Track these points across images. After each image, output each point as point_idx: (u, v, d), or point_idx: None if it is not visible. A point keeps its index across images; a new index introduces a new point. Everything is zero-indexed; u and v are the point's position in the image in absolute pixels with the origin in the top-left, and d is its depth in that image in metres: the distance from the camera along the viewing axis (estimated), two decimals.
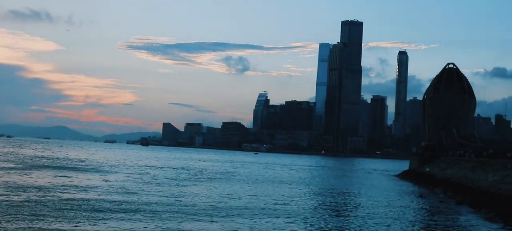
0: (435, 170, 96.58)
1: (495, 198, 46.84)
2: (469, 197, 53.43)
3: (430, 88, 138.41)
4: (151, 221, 33.76)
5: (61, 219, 32.26)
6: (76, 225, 30.79)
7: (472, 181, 63.27)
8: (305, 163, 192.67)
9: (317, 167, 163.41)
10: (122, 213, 36.34)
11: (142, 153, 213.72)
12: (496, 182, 53.65)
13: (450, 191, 64.54)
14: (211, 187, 62.49)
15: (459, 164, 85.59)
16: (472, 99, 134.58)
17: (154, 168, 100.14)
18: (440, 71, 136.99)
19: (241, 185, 69.54)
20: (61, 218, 32.78)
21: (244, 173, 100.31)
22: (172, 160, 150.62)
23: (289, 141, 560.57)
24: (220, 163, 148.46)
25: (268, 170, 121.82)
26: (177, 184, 63.88)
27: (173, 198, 47.19)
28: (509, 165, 59.74)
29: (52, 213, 34.36)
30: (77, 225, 30.83)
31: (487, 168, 67.16)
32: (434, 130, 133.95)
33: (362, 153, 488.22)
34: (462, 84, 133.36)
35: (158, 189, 55.39)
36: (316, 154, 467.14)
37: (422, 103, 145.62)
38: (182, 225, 33.00)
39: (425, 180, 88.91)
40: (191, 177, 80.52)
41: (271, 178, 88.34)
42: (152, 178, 73.05)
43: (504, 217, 38.67)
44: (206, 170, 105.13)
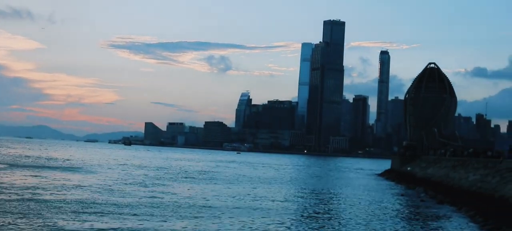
0: (416, 169, 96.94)
1: (476, 197, 47.03)
2: (450, 196, 53.65)
3: (411, 88, 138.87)
4: (129, 220, 33.44)
5: (38, 218, 31.88)
6: (53, 224, 30.42)
7: (453, 180, 63.53)
8: (288, 162, 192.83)
9: (299, 166, 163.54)
10: (101, 213, 35.95)
11: (124, 153, 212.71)
12: (477, 181, 53.89)
13: (431, 190, 64.80)
14: (192, 187, 62.21)
15: (440, 163, 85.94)
16: (453, 99, 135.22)
17: (136, 168, 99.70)
18: (422, 71, 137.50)
19: (223, 184, 69.34)
20: (38, 217, 32.37)
21: (227, 173, 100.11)
22: (154, 159, 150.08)
23: (271, 140, 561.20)
24: (202, 163, 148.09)
25: (250, 169, 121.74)
26: (159, 184, 63.50)
27: (153, 198, 46.82)
28: (490, 164, 60.02)
29: (29, 212, 33.96)
30: (55, 224, 30.46)
31: (467, 167, 67.47)
32: (415, 129, 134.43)
33: (344, 152, 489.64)
34: (443, 84, 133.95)
35: (138, 189, 55.03)
36: (298, 153, 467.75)
37: (404, 103, 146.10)
38: (161, 225, 32.73)
39: (406, 179, 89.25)
40: (173, 176, 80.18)
41: (253, 177, 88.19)
42: (133, 177, 72.64)
43: (484, 215, 38.85)
44: (188, 169, 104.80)
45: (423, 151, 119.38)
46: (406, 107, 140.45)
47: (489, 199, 43.22)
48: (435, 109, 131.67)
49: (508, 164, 53.90)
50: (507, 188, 43.03)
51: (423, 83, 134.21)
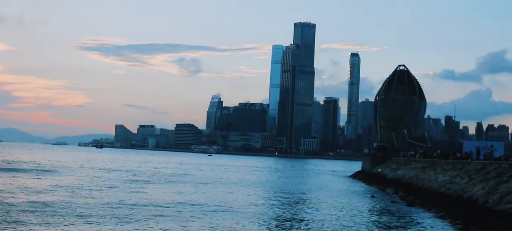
0: (387, 170, 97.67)
1: (445, 198, 47.59)
2: (420, 197, 54.20)
3: (381, 90, 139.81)
4: (96, 224, 33.29)
5: (3, 224, 31.60)
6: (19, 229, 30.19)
7: (422, 181, 64.14)
8: (259, 164, 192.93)
9: (270, 168, 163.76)
10: (69, 216, 35.70)
11: (95, 155, 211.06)
12: (446, 182, 54.51)
13: (402, 191, 65.38)
14: (163, 189, 61.96)
15: (410, 165, 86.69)
16: (422, 101, 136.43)
17: (106, 170, 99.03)
18: (391, 73, 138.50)
19: (194, 187, 69.20)
20: (3, 222, 32.09)
21: (198, 175, 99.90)
22: (125, 162, 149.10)
23: (242, 142, 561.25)
24: (173, 165, 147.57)
25: (222, 171, 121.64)
26: (128, 187, 63.16)
27: (122, 201, 46.56)
28: (458, 165, 60.76)
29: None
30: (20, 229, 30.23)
31: (437, 168, 68.21)
32: (385, 131, 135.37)
33: (315, 154, 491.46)
34: (413, 86, 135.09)
35: (107, 192, 54.68)
36: (269, 155, 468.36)
37: (374, 105, 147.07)
38: (129, 228, 32.64)
39: (377, 181, 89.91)
40: (143, 179, 79.81)
41: (225, 180, 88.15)
42: (102, 180, 72.16)
43: (453, 216, 39.37)
44: (158, 172, 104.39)
45: (394, 153, 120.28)
46: (376, 109, 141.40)
47: (458, 200, 43.80)
48: (405, 111, 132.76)
49: (476, 165, 54.67)
50: (475, 189, 43.64)
51: (393, 85, 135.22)
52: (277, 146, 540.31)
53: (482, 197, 39.63)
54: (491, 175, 45.91)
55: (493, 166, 49.71)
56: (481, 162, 55.97)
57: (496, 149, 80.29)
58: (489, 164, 51.82)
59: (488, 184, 43.17)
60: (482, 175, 48.21)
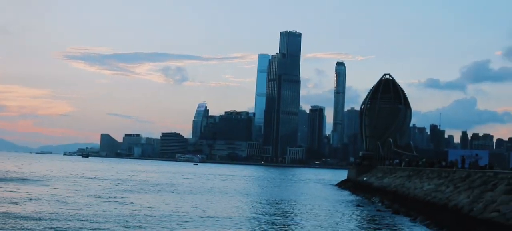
0: (372, 179, 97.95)
1: (430, 206, 47.79)
2: (406, 205, 54.38)
3: (367, 98, 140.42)
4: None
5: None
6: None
7: (408, 189, 64.38)
8: (245, 173, 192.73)
9: (257, 177, 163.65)
10: (54, 227, 35.52)
11: (80, 165, 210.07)
12: (431, 190, 54.73)
13: (387, 199, 65.56)
14: (149, 199, 61.72)
15: (395, 173, 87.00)
16: (408, 110, 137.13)
17: (92, 180, 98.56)
18: (377, 82, 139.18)
19: (181, 196, 69.04)
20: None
21: (184, 184, 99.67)
22: (110, 171, 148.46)
23: (228, 151, 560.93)
24: (159, 174, 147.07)
25: (208, 180, 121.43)
26: (114, 197, 62.89)
27: (108, 211, 46.37)
28: (444, 174, 61.06)
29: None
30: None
31: (422, 176, 68.50)
32: (371, 140, 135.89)
33: (301, 163, 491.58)
34: (398, 95, 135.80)
35: (94, 201, 54.43)
36: (255, 164, 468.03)
37: (360, 113, 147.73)
38: None
39: (362, 189, 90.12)
40: (131, 188, 79.54)
41: (211, 189, 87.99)
42: (87, 190, 71.82)
43: (439, 224, 39.54)
44: (145, 181, 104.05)
45: (379, 161, 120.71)
46: (362, 118, 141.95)
47: (443, 208, 44.00)
48: (390, 119, 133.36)
49: (461, 174, 54.96)
50: (460, 197, 43.86)
51: (379, 94, 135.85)
52: (263, 155, 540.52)
53: (467, 206, 39.84)
54: (476, 183, 46.16)
55: (478, 174, 49.99)
56: (466, 171, 56.28)
57: (481, 157, 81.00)
58: (474, 173, 52.12)
59: (473, 192, 43.41)
60: (467, 183, 48.47)
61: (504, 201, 35.52)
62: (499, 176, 44.62)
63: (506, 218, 31.78)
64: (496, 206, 35.29)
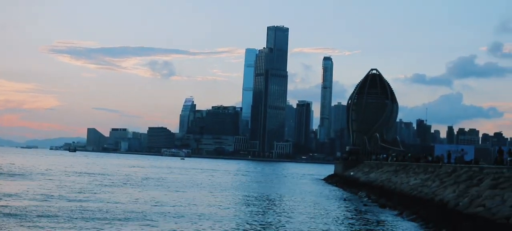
0: (359, 173, 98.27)
1: (417, 201, 48.01)
2: (392, 200, 54.57)
3: (354, 93, 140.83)
4: (67, 228, 33.04)
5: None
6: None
7: (395, 184, 64.65)
8: (232, 168, 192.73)
9: (244, 171, 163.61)
10: (39, 220, 35.36)
11: (68, 159, 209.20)
12: (417, 185, 54.99)
13: (374, 194, 65.77)
14: (136, 193, 61.54)
15: (382, 168, 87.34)
16: (394, 105, 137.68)
17: (78, 174, 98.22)
18: (364, 77, 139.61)
19: (167, 190, 68.90)
20: None
21: (170, 179, 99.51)
22: (96, 166, 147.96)
23: (215, 146, 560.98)
24: (146, 169, 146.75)
25: (195, 174, 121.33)
26: (100, 191, 62.71)
27: (94, 205, 46.23)
28: (430, 169, 61.39)
29: None
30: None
31: (409, 171, 68.81)
32: (358, 134, 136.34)
33: (288, 157, 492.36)
34: (385, 90, 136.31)
35: (79, 196, 54.23)
36: (242, 158, 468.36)
37: (346, 108, 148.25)
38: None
39: (349, 184, 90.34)
40: (118, 183, 79.32)
41: (199, 183, 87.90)
42: (73, 184, 71.56)
43: (425, 219, 39.72)
44: (132, 175, 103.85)
45: (366, 156, 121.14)
46: (348, 113, 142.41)
47: (429, 203, 44.21)
48: (377, 114, 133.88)
49: (447, 169, 55.25)
50: (446, 192, 44.09)
51: (365, 89, 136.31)
52: (250, 149, 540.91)
53: (453, 200, 40.06)
54: (462, 178, 46.44)
55: (464, 169, 50.30)
56: (452, 166, 56.60)
57: (466, 152, 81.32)
58: (459, 168, 52.43)
59: (458, 187, 43.66)
60: (453, 178, 48.75)
61: (489, 196, 35.75)
62: (485, 171, 44.92)
63: (491, 213, 31.98)
64: (481, 201, 35.51)
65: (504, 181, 38.21)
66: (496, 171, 42.45)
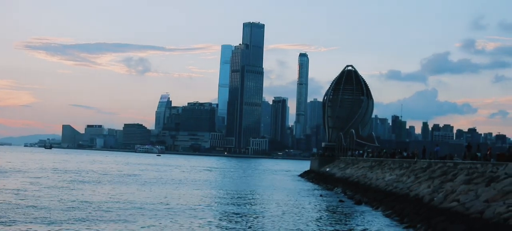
0: (335, 169, 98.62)
1: (392, 196, 48.33)
2: (368, 196, 54.86)
3: (329, 90, 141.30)
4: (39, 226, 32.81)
5: None
6: None
7: (370, 180, 65.03)
8: (208, 164, 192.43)
9: (220, 168, 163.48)
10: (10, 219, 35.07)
11: (43, 156, 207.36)
12: (393, 180, 55.37)
13: (350, 190, 66.06)
14: (111, 190, 61.23)
15: (358, 164, 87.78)
16: (370, 101, 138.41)
17: (53, 171, 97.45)
18: (339, 73, 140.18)
19: (142, 186, 68.62)
20: None
21: (146, 175, 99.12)
22: (71, 163, 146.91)
23: (191, 142, 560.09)
24: (121, 165, 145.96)
25: (172, 171, 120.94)
26: (79, 187, 62.29)
27: (73, 201, 45.92)
28: (405, 164, 61.83)
29: None
30: None
31: (384, 167, 69.26)
32: (333, 131, 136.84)
33: (264, 154, 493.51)
34: (360, 86, 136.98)
35: (55, 192, 53.82)
36: (218, 155, 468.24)
37: (322, 104, 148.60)
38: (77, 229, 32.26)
39: (325, 180, 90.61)
40: (93, 179, 78.84)
41: (175, 180, 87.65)
42: (48, 181, 71.00)
43: (400, 214, 40.00)
44: (107, 172, 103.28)
45: (342, 152, 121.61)
46: (324, 109, 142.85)
47: (405, 198, 44.53)
48: (352, 111, 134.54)
49: (422, 164, 55.68)
50: (421, 188, 44.44)
51: (341, 86, 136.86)
52: (226, 146, 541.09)
53: (428, 195, 40.39)
54: (436, 173, 46.83)
55: (438, 165, 50.72)
56: (426, 161, 57.04)
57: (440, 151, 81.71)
58: (434, 163, 52.85)
59: (433, 182, 44.02)
60: (427, 173, 49.14)
61: (463, 191, 36.09)
62: (459, 166, 45.34)
63: (465, 208, 32.28)
64: (455, 196, 35.83)
65: (477, 176, 38.61)
66: (470, 167, 42.88)
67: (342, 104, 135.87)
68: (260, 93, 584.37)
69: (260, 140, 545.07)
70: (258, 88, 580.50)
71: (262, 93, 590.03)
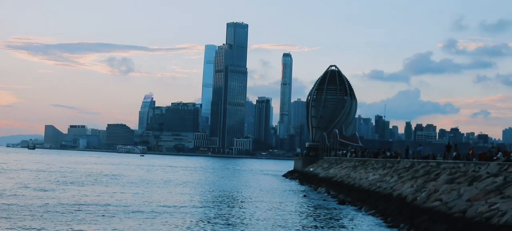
0: (319, 169, 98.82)
1: (375, 196, 48.51)
2: (351, 195, 55.03)
3: (313, 90, 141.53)
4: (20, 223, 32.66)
5: None
6: None
7: (354, 179, 65.23)
8: (192, 164, 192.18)
9: (204, 168, 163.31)
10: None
11: (26, 157, 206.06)
12: (376, 180, 55.58)
13: (333, 189, 66.22)
14: (94, 190, 60.98)
15: (341, 164, 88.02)
16: (353, 101, 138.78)
17: (36, 172, 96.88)
18: (323, 73, 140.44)
19: (126, 187, 68.40)
20: None
21: (130, 175, 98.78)
22: (55, 163, 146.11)
23: (175, 142, 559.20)
24: (104, 166, 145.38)
25: (156, 171, 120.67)
26: (61, 188, 61.96)
27: (52, 202, 45.67)
28: (388, 164, 62.10)
29: None
30: None
31: (367, 167, 69.52)
32: (317, 130, 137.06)
33: (248, 154, 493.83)
34: (344, 86, 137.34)
35: (37, 193, 53.52)
36: (202, 155, 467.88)
37: (306, 104, 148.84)
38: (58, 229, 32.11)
39: (309, 180, 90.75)
40: (76, 180, 78.47)
41: (158, 180, 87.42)
42: (30, 181, 70.58)
43: (383, 213, 40.17)
44: (91, 172, 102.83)
45: (326, 152, 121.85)
46: (308, 109, 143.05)
47: (388, 198, 44.72)
48: (336, 111, 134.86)
49: (405, 164, 55.95)
50: (404, 187, 44.66)
51: (325, 86, 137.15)
52: (210, 146, 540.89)
53: (411, 195, 40.60)
54: (419, 173, 47.09)
55: (421, 164, 51.00)
56: (410, 161, 57.33)
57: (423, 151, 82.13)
58: (417, 163, 53.13)
59: (416, 182, 44.25)
60: (410, 173, 49.39)
61: (446, 190, 36.32)
62: (442, 166, 45.62)
63: (448, 207, 32.49)
64: (438, 195, 36.06)
65: (460, 175, 38.87)
66: (453, 166, 43.16)
67: (325, 104, 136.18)
68: (244, 93, 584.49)
69: (244, 140, 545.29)
70: (242, 88, 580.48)
71: (246, 93, 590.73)
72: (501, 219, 26.13)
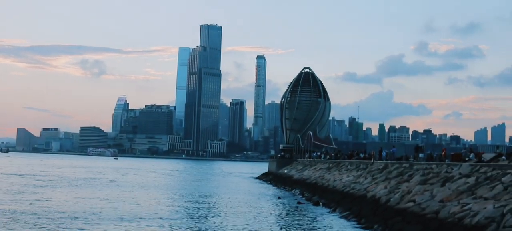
0: (293, 171, 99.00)
1: (349, 197, 48.68)
2: (325, 197, 55.15)
3: (287, 92, 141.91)
4: None
5: None
6: None
7: (328, 181, 65.41)
8: (166, 167, 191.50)
9: (177, 170, 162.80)
10: None
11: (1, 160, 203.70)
12: (350, 182, 55.80)
13: (308, 191, 66.34)
14: (66, 194, 60.41)
15: (315, 166, 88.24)
16: (327, 103, 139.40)
17: (7, 175, 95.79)
18: (297, 76, 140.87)
19: (96, 190, 67.87)
20: None
21: (103, 179, 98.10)
22: (27, 166, 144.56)
23: (149, 145, 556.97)
24: (77, 169, 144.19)
25: (129, 174, 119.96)
26: (33, 192, 61.27)
27: (23, 206, 45.15)
28: (362, 166, 62.37)
29: None
30: None
31: (341, 168, 69.78)
32: (291, 133, 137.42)
33: (222, 156, 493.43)
34: (318, 88, 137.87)
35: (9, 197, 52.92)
36: (176, 157, 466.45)
37: (280, 106, 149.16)
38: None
39: (283, 182, 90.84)
40: (48, 184, 77.68)
41: (130, 183, 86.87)
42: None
43: (357, 214, 40.29)
44: (63, 176, 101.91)
45: (300, 154, 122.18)
46: (282, 111, 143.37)
47: (362, 199, 44.90)
48: (310, 112, 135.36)
49: (379, 165, 56.24)
50: (378, 188, 44.87)
51: (299, 88, 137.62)
52: (184, 149, 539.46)
53: (385, 196, 40.81)
54: (393, 174, 47.36)
55: (395, 166, 51.30)
56: (383, 162, 57.64)
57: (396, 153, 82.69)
58: (391, 164, 53.44)
59: (390, 183, 44.50)
60: (384, 174, 49.66)
61: (419, 191, 36.55)
62: (415, 167, 45.93)
63: (421, 208, 32.69)
64: (411, 196, 36.27)
65: (433, 176, 39.15)
66: (426, 167, 43.47)
67: (299, 106, 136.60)
68: (218, 95, 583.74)
69: (218, 142, 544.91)
70: (215, 90, 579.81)
71: (220, 96, 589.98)
72: (473, 219, 26.34)
